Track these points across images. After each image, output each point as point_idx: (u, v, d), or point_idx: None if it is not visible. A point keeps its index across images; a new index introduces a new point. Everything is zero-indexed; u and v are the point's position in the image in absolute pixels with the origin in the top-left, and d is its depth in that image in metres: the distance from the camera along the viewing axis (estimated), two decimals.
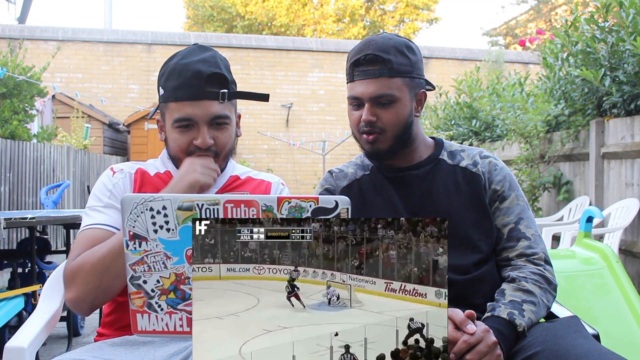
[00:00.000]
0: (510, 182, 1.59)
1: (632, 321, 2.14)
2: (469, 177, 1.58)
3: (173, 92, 1.45)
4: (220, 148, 1.49)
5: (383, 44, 1.50)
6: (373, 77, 1.50)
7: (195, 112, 1.44)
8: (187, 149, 1.47)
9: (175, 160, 1.53)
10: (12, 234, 6.48)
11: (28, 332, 1.47)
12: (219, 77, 1.46)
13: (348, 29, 22.20)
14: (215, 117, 1.46)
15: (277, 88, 13.88)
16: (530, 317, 1.37)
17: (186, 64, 1.44)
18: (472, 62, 12.82)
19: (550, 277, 1.48)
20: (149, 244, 1.13)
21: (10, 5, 13.97)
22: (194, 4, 21.81)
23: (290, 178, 13.62)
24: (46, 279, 1.74)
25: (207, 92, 1.44)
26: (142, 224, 1.12)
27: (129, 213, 1.12)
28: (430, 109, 8.44)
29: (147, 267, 1.13)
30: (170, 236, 1.12)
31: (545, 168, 5.55)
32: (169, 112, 1.48)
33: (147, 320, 1.14)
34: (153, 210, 1.11)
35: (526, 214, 1.56)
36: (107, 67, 13.42)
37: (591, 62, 4.70)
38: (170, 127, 1.48)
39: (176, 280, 1.13)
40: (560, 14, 20.80)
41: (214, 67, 1.46)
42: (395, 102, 1.51)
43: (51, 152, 7.98)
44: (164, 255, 1.13)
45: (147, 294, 1.14)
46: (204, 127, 1.45)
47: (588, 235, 2.68)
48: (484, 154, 1.63)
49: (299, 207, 1.11)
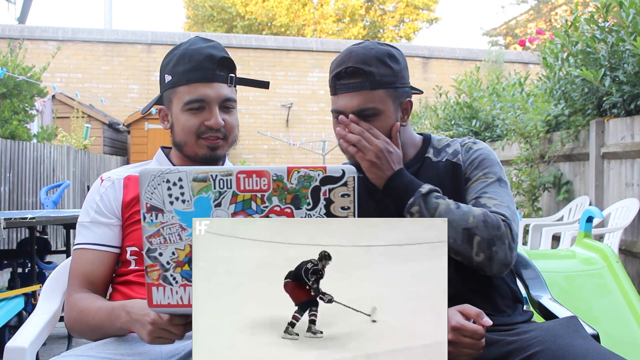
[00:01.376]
0: (481, 161, 1.54)
1: (632, 321, 2.14)
2: (451, 169, 1.56)
3: (185, 75, 1.49)
4: (229, 131, 1.54)
5: (364, 54, 1.48)
6: (355, 90, 1.47)
7: (208, 93, 1.49)
8: (197, 130, 1.51)
9: (181, 145, 1.54)
10: (12, 234, 6.48)
11: (28, 332, 1.48)
12: (229, 61, 1.53)
13: (348, 29, 22.20)
14: (226, 100, 1.52)
15: (277, 88, 13.88)
16: (442, 204, 1.41)
17: (197, 49, 1.50)
18: (472, 62, 12.81)
19: (500, 224, 1.41)
20: (165, 215, 1.15)
21: (10, 5, 13.98)
22: (194, 4, 21.81)
23: None
24: (46, 279, 1.74)
25: (218, 75, 1.50)
26: (158, 196, 1.15)
27: (146, 185, 1.15)
28: (430, 109, 8.44)
29: (163, 239, 1.15)
30: (185, 207, 1.15)
31: (545, 168, 5.55)
32: (177, 96, 1.51)
33: (162, 293, 1.16)
34: (169, 182, 1.14)
35: (493, 188, 1.50)
36: (107, 67, 13.42)
37: (591, 62, 4.70)
38: (179, 111, 1.51)
39: (190, 252, 1.14)
40: (560, 14, 20.80)
41: (223, 52, 1.53)
42: (379, 114, 1.48)
43: (51, 152, 7.98)
44: (179, 226, 1.15)
45: (162, 266, 1.16)
46: (216, 108, 1.50)
47: (588, 235, 2.68)
48: (465, 141, 1.61)
49: (307, 176, 1.13)
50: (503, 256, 1.41)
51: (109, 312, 1.35)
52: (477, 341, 1.23)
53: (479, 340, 1.23)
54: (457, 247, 1.41)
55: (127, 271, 1.50)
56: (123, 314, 1.31)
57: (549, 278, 1.92)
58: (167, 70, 1.53)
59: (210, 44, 1.53)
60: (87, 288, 1.48)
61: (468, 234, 1.40)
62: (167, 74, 1.53)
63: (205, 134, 1.50)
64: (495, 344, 1.34)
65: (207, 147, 1.52)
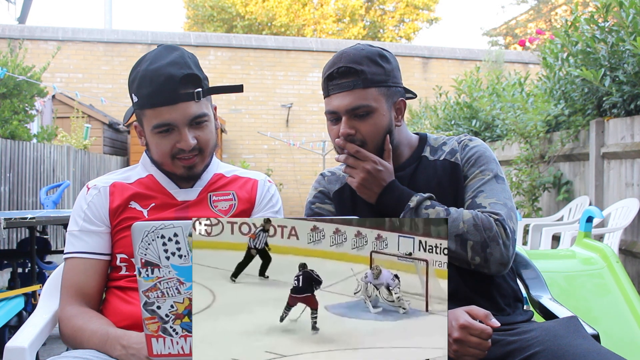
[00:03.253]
0: (477, 158, 1.55)
1: (632, 321, 2.14)
2: (449, 169, 1.56)
3: (148, 99, 1.44)
4: (204, 145, 1.50)
5: (355, 55, 1.49)
6: (347, 89, 1.48)
7: (174, 116, 1.44)
8: (170, 153, 1.48)
9: (159, 165, 1.53)
10: (12, 234, 6.48)
11: (28, 332, 1.47)
12: (192, 77, 1.45)
13: (348, 29, 22.20)
14: (194, 118, 1.46)
15: (277, 88, 13.87)
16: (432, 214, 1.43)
17: (156, 69, 1.43)
18: (472, 62, 12.80)
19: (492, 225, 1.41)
20: (161, 270, 1.14)
21: (10, 5, 13.97)
22: (194, 4, 21.80)
23: (290, 178, 13.61)
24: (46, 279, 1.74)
25: (181, 94, 1.43)
26: (153, 252, 1.13)
27: (140, 241, 1.13)
28: (430, 109, 8.44)
29: (161, 292, 1.14)
30: (182, 262, 1.13)
31: (545, 168, 5.55)
32: (146, 119, 1.48)
33: (163, 344, 1.14)
34: (164, 238, 1.13)
35: (489, 186, 1.51)
36: (107, 67, 13.41)
37: (591, 62, 4.70)
38: (150, 133, 1.49)
39: (190, 305, 1.13)
40: (560, 14, 20.79)
41: (184, 68, 1.45)
42: (372, 112, 1.49)
43: (51, 152, 7.98)
44: (177, 281, 1.14)
45: (161, 319, 1.14)
46: (185, 129, 1.46)
47: (588, 235, 2.68)
48: (461, 138, 1.61)
49: None
50: (499, 256, 1.42)
51: (104, 341, 1.35)
52: (483, 341, 1.23)
53: (486, 340, 1.23)
54: (452, 253, 1.42)
55: (118, 276, 1.50)
56: (119, 347, 1.31)
57: (549, 278, 1.92)
58: (133, 90, 1.48)
59: (171, 57, 1.45)
60: (81, 299, 1.48)
61: (461, 240, 1.41)
62: (133, 93, 1.49)
63: (179, 155, 1.48)
64: (496, 344, 1.33)
65: (183, 167, 1.50)
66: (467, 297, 1.44)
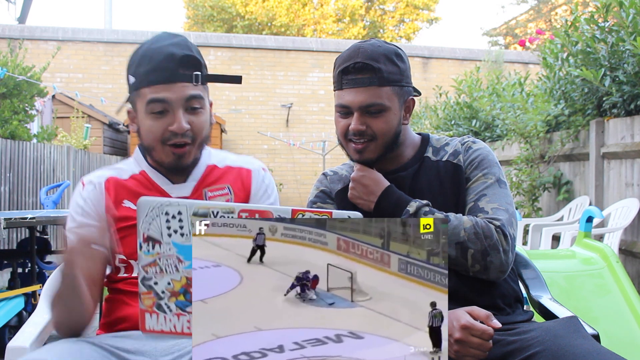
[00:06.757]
0: (480, 161, 1.55)
1: (632, 321, 2.15)
2: (452, 170, 1.56)
3: (145, 76, 1.42)
4: (197, 133, 1.46)
5: (372, 51, 1.48)
6: (363, 85, 1.48)
7: (170, 95, 1.41)
8: (162, 137, 1.44)
9: (149, 150, 1.50)
10: (12, 234, 6.48)
11: (29, 332, 1.48)
12: (192, 59, 1.44)
13: (348, 29, 22.19)
14: (190, 98, 1.43)
15: (277, 88, 13.87)
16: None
17: (158, 48, 1.42)
18: (472, 62, 12.80)
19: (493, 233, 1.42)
20: (162, 246, 1.15)
21: (10, 5, 13.96)
22: (194, 4, 21.80)
23: (290, 178, 13.61)
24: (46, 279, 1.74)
25: (180, 74, 1.41)
26: (156, 227, 1.15)
27: (144, 215, 1.14)
28: (430, 109, 8.44)
29: (159, 269, 1.15)
30: (183, 240, 1.14)
31: (545, 168, 5.55)
32: (140, 99, 1.45)
33: (156, 320, 1.16)
34: (168, 215, 1.14)
35: (492, 190, 1.50)
36: (107, 67, 13.41)
37: (591, 62, 4.70)
38: (143, 114, 1.45)
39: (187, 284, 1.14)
40: (560, 14, 20.79)
41: (186, 49, 1.44)
42: (385, 111, 1.50)
43: (51, 152, 7.98)
44: (176, 258, 1.15)
45: (157, 295, 1.16)
46: (179, 111, 1.42)
47: (588, 235, 2.69)
48: (464, 140, 1.61)
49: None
50: (499, 264, 1.43)
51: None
52: (484, 341, 1.23)
53: (487, 340, 1.24)
54: (452, 260, 1.42)
55: (117, 278, 1.49)
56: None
57: (549, 278, 1.92)
58: (131, 71, 1.46)
59: (174, 40, 1.44)
60: None
61: (461, 248, 1.42)
62: (131, 75, 1.47)
63: (171, 140, 1.44)
64: (496, 344, 1.33)
65: (172, 155, 1.46)
66: (467, 297, 1.44)
